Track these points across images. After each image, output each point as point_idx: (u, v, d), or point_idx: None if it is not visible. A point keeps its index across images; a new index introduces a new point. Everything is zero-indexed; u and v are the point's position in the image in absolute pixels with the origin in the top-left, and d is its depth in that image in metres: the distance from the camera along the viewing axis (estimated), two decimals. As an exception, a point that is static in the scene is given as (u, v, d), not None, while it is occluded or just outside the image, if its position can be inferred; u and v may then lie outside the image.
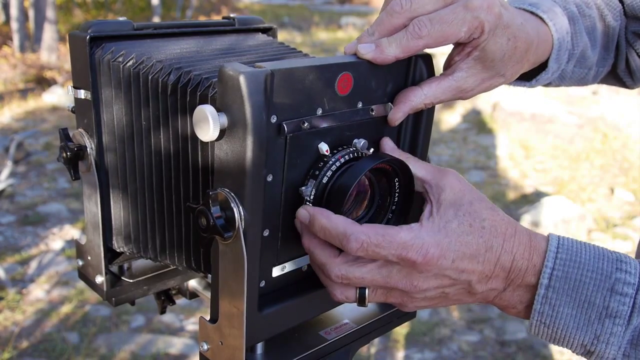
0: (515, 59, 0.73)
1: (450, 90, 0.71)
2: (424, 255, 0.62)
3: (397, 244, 0.61)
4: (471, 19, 0.66)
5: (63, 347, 2.89)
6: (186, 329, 3.08)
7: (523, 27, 0.73)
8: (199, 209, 0.63)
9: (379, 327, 0.82)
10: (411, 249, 0.61)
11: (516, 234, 0.66)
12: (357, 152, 0.68)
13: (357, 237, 0.61)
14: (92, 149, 0.82)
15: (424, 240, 0.62)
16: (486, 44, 0.69)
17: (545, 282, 0.64)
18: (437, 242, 0.62)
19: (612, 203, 4.70)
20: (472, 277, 0.64)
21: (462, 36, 0.67)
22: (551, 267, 0.64)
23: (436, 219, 0.64)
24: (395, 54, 0.66)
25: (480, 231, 0.64)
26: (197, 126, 0.61)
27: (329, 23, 14.53)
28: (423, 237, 0.62)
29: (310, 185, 0.66)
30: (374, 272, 0.64)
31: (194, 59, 0.76)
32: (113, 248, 0.86)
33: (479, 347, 2.98)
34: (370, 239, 0.61)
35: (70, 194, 4.67)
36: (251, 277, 0.63)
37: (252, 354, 0.73)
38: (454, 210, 0.64)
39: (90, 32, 0.78)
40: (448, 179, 0.67)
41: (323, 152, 0.66)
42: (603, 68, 0.98)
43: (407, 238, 0.62)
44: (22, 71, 8.12)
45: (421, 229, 0.63)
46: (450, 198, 0.65)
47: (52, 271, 3.59)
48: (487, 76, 0.73)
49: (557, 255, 0.64)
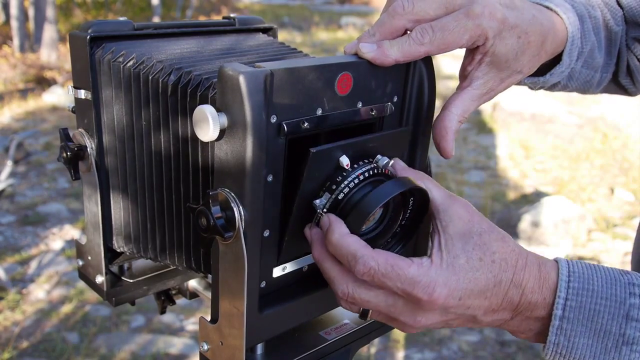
0: (531, 53, 0.73)
1: (474, 99, 0.72)
2: (430, 294, 0.61)
3: (405, 279, 0.60)
4: (473, 27, 0.66)
5: (63, 347, 2.89)
6: (186, 329, 3.08)
7: (535, 19, 0.73)
8: (199, 209, 0.63)
9: (379, 327, 0.82)
10: (418, 286, 0.60)
11: (526, 266, 0.64)
12: (378, 169, 0.66)
13: (366, 262, 0.60)
14: (93, 149, 0.82)
15: (431, 279, 0.61)
16: (495, 49, 0.69)
17: (559, 313, 0.63)
18: (445, 281, 0.61)
19: (612, 203, 4.70)
20: (477, 312, 0.64)
21: (464, 43, 0.67)
22: (564, 297, 0.63)
23: (444, 254, 0.62)
24: (396, 57, 0.67)
25: (490, 265, 0.63)
26: (197, 126, 0.61)
27: (329, 23, 14.54)
28: (431, 275, 0.61)
29: (325, 198, 0.65)
30: (379, 299, 0.63)
31: (194, 59, 0.76)
32: (113, 248, 0.86)
33: (479, 347, 2.98)
34: (378, 267, 0.60)
35: (70, 194, 4.67)
36: (251, 278, 0.63)
37: (252, 354, 0.73)
38: (462, 243, 0.63)
39: (90, 32, 0.78)
40: (457, 207, 0.65)
41: (343, 165, 0.64)
42: (606, 74, 0.97)
43: (416, 274, 0.60)
44: (22, 71, 8.13)
45: (431, 266, 0.61)
46: (459, 229, 0.63)
47: (52, 271, 3.59)
48: (505, 75, 0.73)
49: (569, 284, 0.63)
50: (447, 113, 0.72)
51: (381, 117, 0.72)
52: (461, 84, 0.73)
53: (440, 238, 0.63)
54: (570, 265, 0.65)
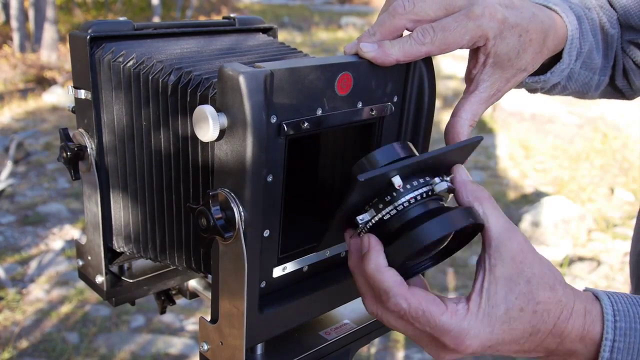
0: (533, 50, 0.73)
1: (483, 102, 0.72)
2: (458, 345, 0.59)
3: (435, 326, 0.58)
4: (474, 28, 0.67)
5: (63, 347, 2.89)
6: (186, 329, 3.08)
7: (535, 17, 0.73)
8: (199, 209, 0.63)
9: (379, 327, 0.82)
10: (447, 336, 0.58)
11: (570, 317, 0.61)
12: (431, 192, 0.61)
13: (398, 302, 0.59)
14: (93, 149, 0.82)
15: (463, 329, 0.58)
16: (497, 49, 0.69)
17: (607, 356, 0.61)
18: (477, 333, 0.59)
19: (612, 203, 4.70)
20: (508, 353, 0.62)
21: (465, 44, 0.67)
22: (611, 339, 0.61)
23: (483, 302, 0.59)
24: (397, 57, 0.66)
25: (530, 316, 0.60)
26: (197, 126, 0.61)
27: (329, 23, 14.53)
28: (463, 325, 0.58)
29: (369, 215, 0.61)
30: (407, 329, 0.61)
31: (195, 59, 0.76)
32: (113, 248, 0.86)
33: (479, 347, 2.98)
34: (409, 309, 0.58)
35: (70, 194, 4.67)
36: (251, 278, 0.63)
37: (252, 354, 0.73)
38: (506, 290, 0.59)
39: (90, 32, 0.78)
40: (511, 245, 0.59)
41: (395, 186, 0.60)
42: (604, 77, 0.97)
43: (447, 323, 0.58)
44: (22, 71, 8.12)
45: (465, 315, 0.59)
46: (507, 273, 0.59)
47: (52, 271, 3.59)
48: (510, 75, 0.73)
49: (616, 324, 0.61)
50: (457, 119, 0.72)
51: (381, 117, 0.72)
52: (468, 89, 0.73)
53: (484, 278, 0.60)
54: (614, 304, 0.62)
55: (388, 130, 0.74)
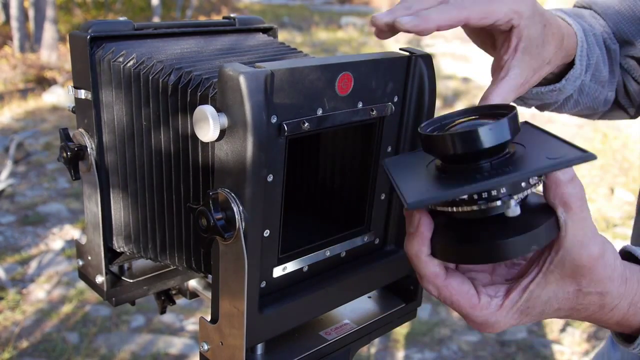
0: (555, 44, 0.73)
1: (512, 90, 0.70)
2: (481, 329, 0.60)
3: (462, 314, 0.60)
4: (511, 2, 0.66)
5: (63, 347, 2.89)
6: (186, 329, 3.08)
7: (553, 16, 0.74)
8: (200, 209, 0.63)
9: (379, 327, 0.82)
10: (472, 322, 0.60)
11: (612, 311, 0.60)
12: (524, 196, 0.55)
13: (428, 288, 0.60)
14: (93, 149, 0.82)
15: (489, 322, 0.59)
16: (529, 31, 0.68)
17: None
18: (503, 326, 0.59)
19: (612, 203, 4.70)
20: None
21: (502, 17, 0.66)
22: None
23: (522, 302, 0.58)
24: (438, 23, 0.63)
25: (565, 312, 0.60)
26: (197, 126, 0.61)
27: (329, 23, 14.53)
28: (491, 320, 0.59)
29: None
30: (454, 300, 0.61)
31: (195, 59, 0.76)
32: (113, 248, 0.86)
33: (479, 347, 2.98)
34: (439, 297, 0.60)
35: (70, 194, 4.67)
36: (252, 278, 0.63)
37: (252, 354, 0.73)
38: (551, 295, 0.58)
39: (90, 32, 0.78)
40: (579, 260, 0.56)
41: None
42: (611, 92, 0.97)
43: (473, 315, 0.59)
44: (22, 71, 8.12)
45: (497, 311, 0.59)
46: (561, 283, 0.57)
47: (52, 271, 3.59)
48: (537, 66, 0.72)
49: None
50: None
51: (382, 117, 0.72)
52: (498, 76, 0.71)
53: (534, 279, 0.58)
54: None
55: (388, 130, 0.74)
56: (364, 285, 0.78)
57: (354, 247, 0.77)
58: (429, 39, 11.59)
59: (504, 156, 0.54)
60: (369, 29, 13.30)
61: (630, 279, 0.60)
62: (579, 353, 2.91)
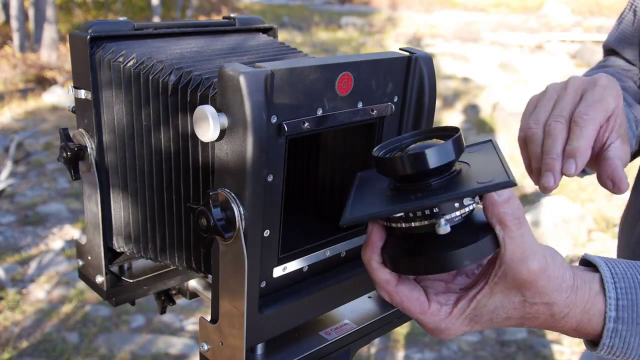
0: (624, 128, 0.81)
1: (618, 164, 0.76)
2: (433, 334, 0.63)
3: (414, 316, 0.62)
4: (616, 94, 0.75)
5: (63, 347, 2.89)
6: (186, 329, 3.08)
7: None
8: (200, 209, 0.63)
9: (379, 327, 0.82)
10: (424, 327, 0.62)
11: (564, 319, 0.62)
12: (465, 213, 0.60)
13: (381, 293, 0.63)
14: (93, 149, 0.82)
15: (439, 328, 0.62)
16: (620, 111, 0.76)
17: (613, 315, 0.61)
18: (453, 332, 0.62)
19: (612, 203, 4.70)
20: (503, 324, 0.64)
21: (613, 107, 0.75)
22: (615, 297, 0.61)
23: (469, 310, 0.62)
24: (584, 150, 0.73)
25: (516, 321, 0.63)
26: (197, 126, 0.61)
27: (329, 23, 14.53)
28: (441, 326, 0.62)
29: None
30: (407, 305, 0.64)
31: (195, 59, 0.76)
32: (113, 248, 0.86)
33: (479, 347, 2.98)
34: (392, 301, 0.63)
35: (70, 194, 4.67)
36: (252, 278, 0.63)
37: (252, 354, 0.73)
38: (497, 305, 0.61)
39: (90, 32, 0.78)
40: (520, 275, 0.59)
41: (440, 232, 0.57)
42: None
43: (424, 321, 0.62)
44: (22, 71, 8.12)
45: (445, 318, 0.62)
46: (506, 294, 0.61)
47: (52, 271, 3.59)
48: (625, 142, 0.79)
49: (616, 285, 0.62)
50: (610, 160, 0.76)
51: (382, 117, 0.72)
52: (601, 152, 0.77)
53: (481, 291, 0.61)
54: (611, 267, 0.64)
55: (388, 130, 0.74)
56: (364, 285, 0.78)
57: (354, 247, 0.77)
58: (429, 39, 11.59)
59: (449, 175, 0.59)
60: (369, 29, 13.30)
61: (582, 287, 0.62)
62: (578, 353, 2.91)
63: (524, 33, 12.52)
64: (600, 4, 16.38)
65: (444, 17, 15.29)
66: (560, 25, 13.83)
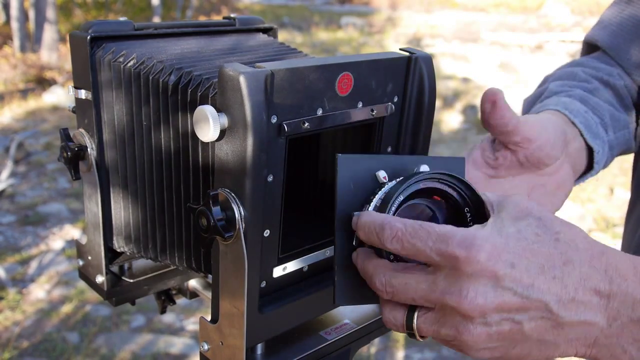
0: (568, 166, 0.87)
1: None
2: (467, 247, 0.51)
3: (436, 235, 0.53)
4: None
5: (63, 347, 2.89)
6: (186, 329, 3.08)
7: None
8: (200, 209, 0.63)
9: (379, 327, 0.82)
10: (452, 241, 0.52)
11: (605, 253, 0.54)
12: None
13: (392, 225, 0.55)
14: (93, 149, 0.82)
15: (469, 233, 0.53)
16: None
17: None
18: (486, 237, 0.52)
19: (611, 203, 4.70)
20: (548, 298, 0.52)
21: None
22: None
23: (489, 224, 0.55)
24: None
25: (553, 242, 0.53)
26: (197, 126, 0.61)
27: (329, 23, 14.53)
28: (469, 231, 0.53)
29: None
30: (418, 278, 0.55)
31: (195, 59, 0.76)
32: (113, 248, 0.86)
33: (479, 347, 2.98)
34: (406, 227, 0.54)
35: (71, 194, 4.67)
36: (252, 277, 0.63)
37: (252, 354, 0.73)
38: (514, 222, 0.55)
39: (91, 32, 0.78)
40: (514, 197, 0.57)
41: (380, 179, 0.63)
42: (633, 124, 1.01)
43: (448, 230, 0.53)
44: (22, 71, 8.13)
45: (469, 228, 0.55)
46: (513, 214, 0.55)
47: (52, 271, 3.59)
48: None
49: None
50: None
51: (382, 117, 0.72)
52: None
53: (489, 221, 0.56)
54: None
55: (388, 130, 0.74)
56: (364, 285, 0.78)
57: (354, 247, 0.77)
58: (429, 39, 11.59)
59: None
60: (369, 29, 13.29)
61: None
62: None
63: (523, 33, 12.52)
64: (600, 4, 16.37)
65: (443, 17, 15.30)
66: (560, 26, 13.84)
